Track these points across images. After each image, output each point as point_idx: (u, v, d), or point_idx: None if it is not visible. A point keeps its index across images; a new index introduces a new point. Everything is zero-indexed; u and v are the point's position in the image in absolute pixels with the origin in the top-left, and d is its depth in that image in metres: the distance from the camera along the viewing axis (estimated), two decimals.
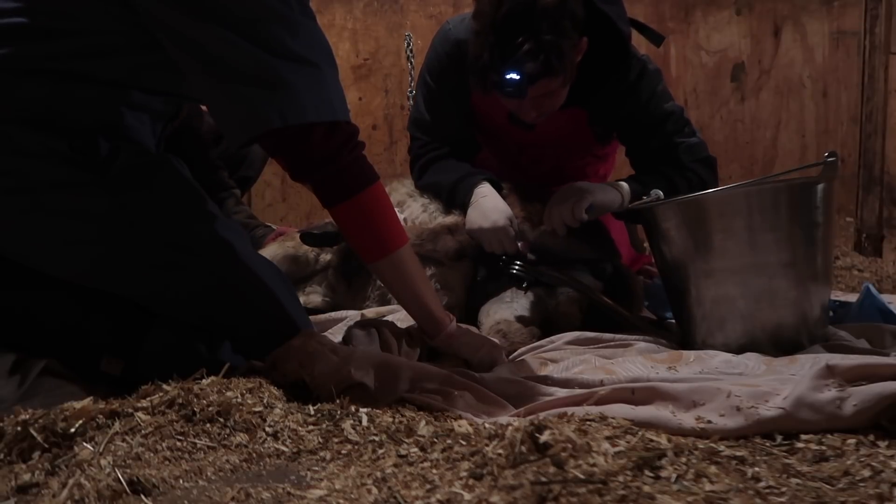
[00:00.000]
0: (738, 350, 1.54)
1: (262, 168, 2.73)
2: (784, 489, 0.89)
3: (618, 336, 1.71)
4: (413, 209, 2.08)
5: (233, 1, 1.18)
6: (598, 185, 1.90)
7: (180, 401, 1.08)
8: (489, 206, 1.88)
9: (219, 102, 1.25)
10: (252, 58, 1.18)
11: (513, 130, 2.08)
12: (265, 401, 1.14)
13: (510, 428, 0.93)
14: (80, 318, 1.31)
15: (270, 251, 2.05)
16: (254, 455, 1.01)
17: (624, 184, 1.92)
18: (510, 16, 1.65)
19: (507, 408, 1.26)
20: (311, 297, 2.06)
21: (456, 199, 1.98)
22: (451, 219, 1.98)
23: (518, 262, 1.84)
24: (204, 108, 2.17)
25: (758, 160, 3.62)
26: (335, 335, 1.60)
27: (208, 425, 1.05)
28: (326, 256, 2.09)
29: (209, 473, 0.95)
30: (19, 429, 1.00)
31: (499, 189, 1.98)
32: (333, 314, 1.85)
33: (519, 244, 1.87)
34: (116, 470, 0.90)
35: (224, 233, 1.35)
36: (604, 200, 1.87)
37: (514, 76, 1.67)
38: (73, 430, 1.00)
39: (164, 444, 1.00)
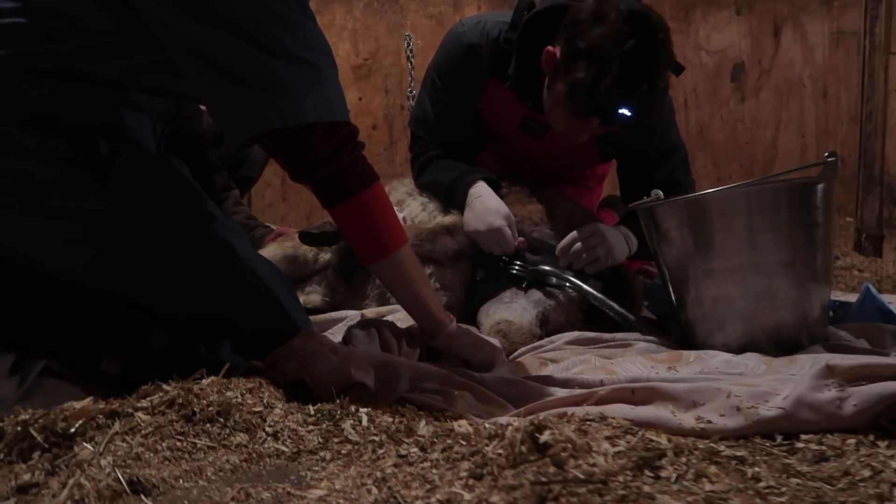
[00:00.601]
0: (738, 350, 1.54)
1: (263, 169, 2.73)
2: (784, 489, 0.89)
3: (618, 336, 1.71)
4: (412, 208, 2.08)
5: (232, 2, 1.18)
6: (618, 239, 1.90)
7: (180, 401, 1.08)
8: (485, 207, 1.88)
9: (218, 103, 1.25)
10: (251, 58, 1.18)
11: (521, 137, 2.08)
12: (265, 401, 1.14)
13: (510, 428, 0.93)
14: (80, 318, 1.31)
15: (269, 252, 2.05)
16: (254, 455, 1.01)
17: (634, 238, 1.94)
18: (637, 53, 1.64)
19: (507, 408, 1.26)
20: (311, 296, 2.06)
21: (453, 200, 1.98)
22: (449, 219, 1.98)
23: (518, 263, 1.84)
24: (203, 108, 2.17)
25: (758, 160, 3.62)
26: (335, 335, 1.60)
27: (208, 425, 1.05)
28: (326, 256, 2.09)
29: (209, 473, 0.95)
30: (19, 429, 1.00)
31: (496, 187, 1.98)
32: (333, 314, 1.85)
33: (517, 242, 1.87)
34: (116, 470, 0.90)
35: (224, 233, 1.35)
36: (620, 257, 1.91)
37: (627, 112, 1.68)
38: (73, 430, 1.00)
39: (164, 444, 1.00)
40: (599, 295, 1.79)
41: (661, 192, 1.71)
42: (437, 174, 2.06)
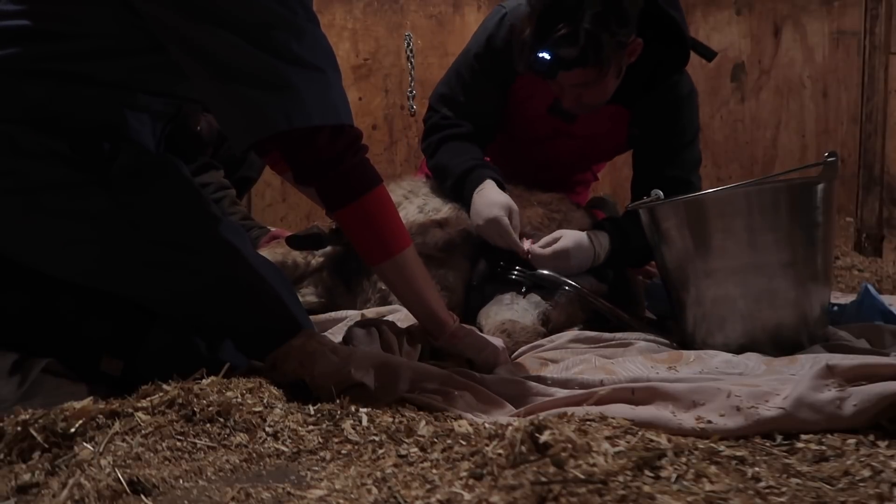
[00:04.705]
0: (738, 350, 1.54)
1: (263, 169, 2.72)
2: (784, 489, 0.89)
3: (618, 336, 1.71)
4: (408, 210, 2.08)
5: (239, 6, 1.18)
6: (579, 247, 1.85)
7: (180, 401, 1.08)
8: (485, 200, 1.87)
9: (224, 105, 1.24)
10: (258, 61, 1.18)
11: (548, 120, 2.06)
12: (265, 401, 1.14)
13: (510, 428, 0.93)
14: (80, 318, 1.31)
15: None
16: (254, 455, 1.01)
17: (605, 241, 1.90)
18: (557, 1, 1.70)
19: (507, 408, 1.26)
20: (306, 297, 2.05)
21: (458, 194, 1.97)
22: (441, 215, 1.97)
23: (517, 267, 1.83)
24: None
25: (758, 160, 3.62)
26: (335, 335, 1.60)
27: (208, 425, 1.05)
28: (320, 258, 2.08)
29: (209, 473, 0.95)
30: (19, 429, 1.00)
31: (501, 188, 1.97)
32: (333, 314, 1.85)
33: (527, 243, 1.85)
34: (116, 470, 0.90)
35: (225, 233, 1.35)
36: (581, 266, 1.87)
37: (545, 56, 1.72)
38: (73, 430, 1.00)
39: (164, 444, 1.00)
40: (599, 298, 1.78)
41: (661, 192, 1.71)
42: (450, 159, 2.02)
